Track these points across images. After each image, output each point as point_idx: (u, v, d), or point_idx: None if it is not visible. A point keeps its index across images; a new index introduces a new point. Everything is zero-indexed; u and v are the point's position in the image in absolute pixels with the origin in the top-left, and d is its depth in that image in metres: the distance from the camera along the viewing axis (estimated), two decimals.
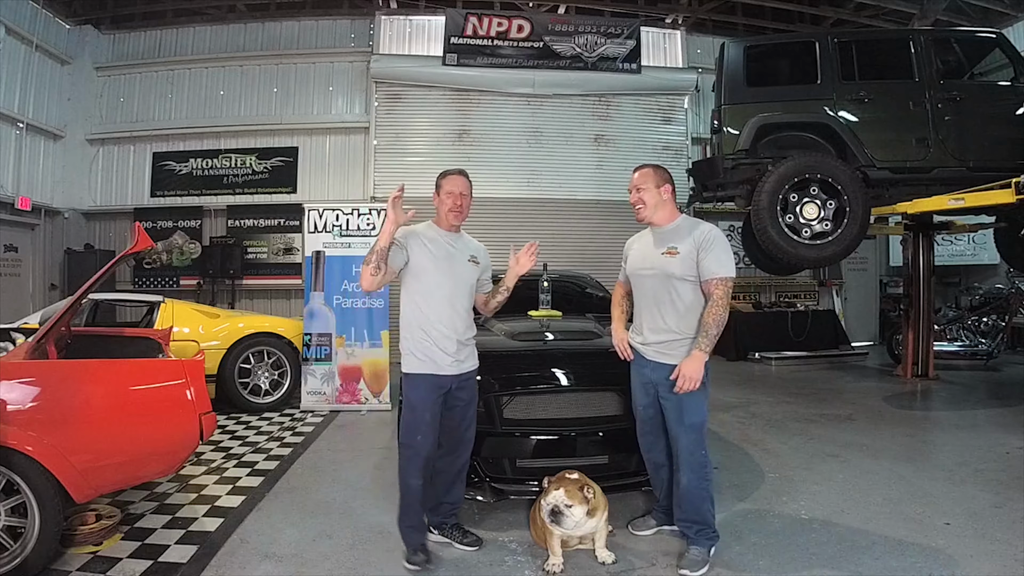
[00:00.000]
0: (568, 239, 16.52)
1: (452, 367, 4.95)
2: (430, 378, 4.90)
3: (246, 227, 16.72)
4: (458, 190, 5.08)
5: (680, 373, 4.68)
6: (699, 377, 4.67)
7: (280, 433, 8.93)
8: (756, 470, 7.16)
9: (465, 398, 5.10)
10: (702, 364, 4.68)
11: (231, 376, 10.01)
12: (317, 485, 6.82)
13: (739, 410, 10.09)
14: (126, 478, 5.24)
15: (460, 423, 5.12)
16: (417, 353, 4.94)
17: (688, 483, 4.86)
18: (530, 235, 6.77)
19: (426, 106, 17.02)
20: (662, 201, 5.01)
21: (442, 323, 4.94)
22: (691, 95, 17.99)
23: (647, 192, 5.01)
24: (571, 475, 4.85)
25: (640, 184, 5.04)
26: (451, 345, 4.94)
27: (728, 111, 9.70)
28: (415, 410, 4.89)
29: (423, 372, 4.91)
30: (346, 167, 16.85)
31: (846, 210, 8.84)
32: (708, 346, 4.69)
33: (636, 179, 5.08)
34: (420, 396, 4.89)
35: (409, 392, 4.95)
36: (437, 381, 4.91)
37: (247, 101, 16.99)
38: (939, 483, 6.67)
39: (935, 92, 9.43)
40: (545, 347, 6.55)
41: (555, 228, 16.61)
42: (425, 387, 4.89)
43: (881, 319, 18.58)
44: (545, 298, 7.60)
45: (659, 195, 5.01)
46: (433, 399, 4.89)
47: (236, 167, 16.83)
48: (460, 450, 5.19)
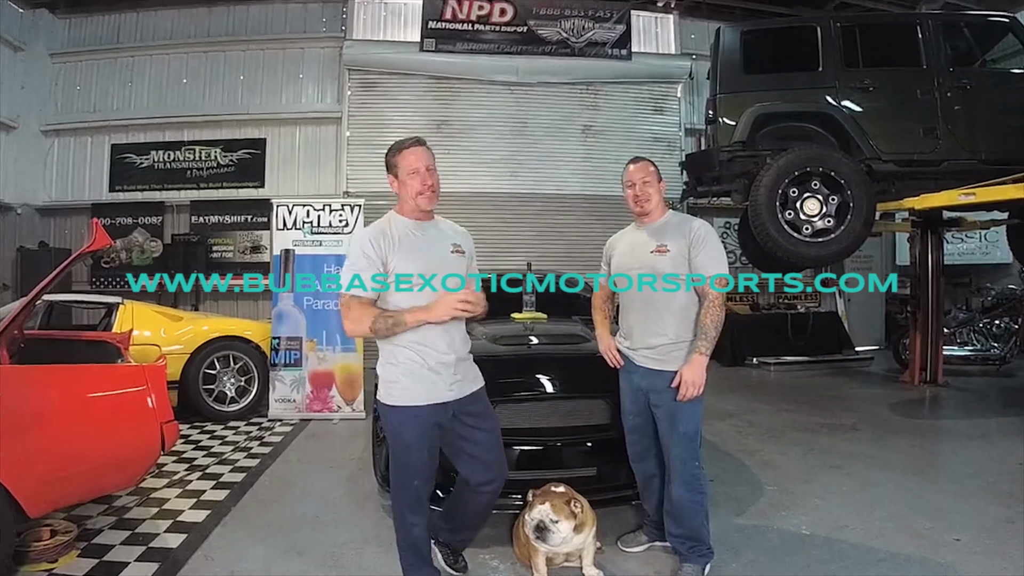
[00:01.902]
0: (554, 236, 16.51)
1: (452, 391, 4.37)
2: (425, 410, 4.28)
3: (211, 224, 16.59)
4: (422, 164, 4.33)
5: (682, 379, 4.66)
6: (702, 382, 4.66)
7: (247, 443, 8.93)
8: (754, 482, 7.18)
9: (479, 415, 4.54)
10: (704, 368, 4.67)
11: (195, 382, 9.99)
12: (286, 499, 6.81)
13: (736, 419, 10.11)
14: (83, 491, 5.23)
15: (486, 445, 4.58)
16: (406, 380, 4.28)
17: (681, 496, 4.85)
18: (514, 232, 6.77)
19: (402, 95, 16.89)
20: (661, 194, 5.06)
21: (437, 339, 4.29)
22: (685, 83, 17.91)
23: (651, 185, 5.01)
24: (557, 488, 4.84)
25: (644, 178, 5.01)
26: (449, 367, 4.35)
27: (724, 100, 9.73)
28: (409, 449, 4.34)
29: (415, 404, 4.27)
30: (317, 160, 16.74)
31: (849, 206, 8.89)
32: (708, 349, 4.69)
33: (635, 172, 5.07)
34: (415, 432, 4.30)
35: (399, 428, 4.35)
36: (433, 412, 4.31)
37: (212, 90, 16.83)
38: (948, 496, 6.69)
39: (944, 80, 9.48)
40: (529, 352, 6.55)
41: (540, 224, 16.64)
42: (419, 421, 4.29)
43: (887, 322, 18.61)
44: (529, 299, 7.58)
45: (661, 188, 5.05)
46: (430, 433, 4.33)
47: (200, 160, 16.70)
48: (493, 477, 4.62)
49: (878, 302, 18.40)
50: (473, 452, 4.55)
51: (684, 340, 4.82)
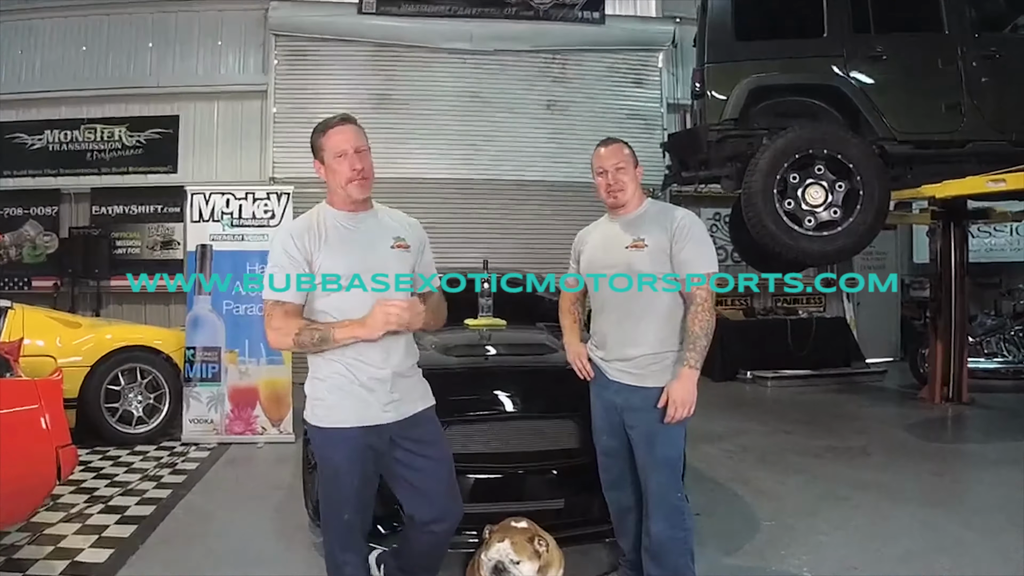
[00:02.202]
0: (515, 229, 16.51)
1: (388, 412, 4.28)
2: (354, 432, 4.22)
3: (115, 215, 16.40)
4: (351, 147, 4.21)
5: (670, 399, 4.61)
6: (693, 401, 4.61)
7: (157, 471, 8.87)
8: (747, 516, 7.20)
9: (424, 441, 4.43)
10: (694, 384, 4.63)
11: (96, 400, 9.85)
12: (203, 535, 6.79)
13: (726, 442, 10.16)
14: None
15: (432, 477, 4.45)
16: (332, 398, 4.24)
17: (661, 532, 4.80)
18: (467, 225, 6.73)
19: (339, 65, 16.80)
20: (637, 180, 5.00)
21: (369, 350, 4.19)
22: (667, 51, 17.86)
23: (627, 171, 4.93)
24: (518, 523, 4.82)
25: (618, 163, 4.92)
26: (384, 383, 4.26)
27: (713, 71, 9.72)
28: (338, 476, 4.31)
29: (343, 426, 4.23)
30: (238, 141, 16.59)
31: (859, 194, 8.85)
32: (698, 361, 4.64)
33: (606, 156, 4.97)
34: (344, 457, 4.27)
35: (326, 452, 4.37)
36: (365, 434, 4.23)
37: (116, 60, 16.58)
38: (974, 532, 6.73)
39: (969, 47, 9.49)
40: (486, 364, 6.56)
41: (499, 216, 16.65)
42: (348, 445, 4.23)
43: (903, 329, 18.70)
44: (486, 303, 7.55)
45: (637, 174, 4.99)
46: (362, 458, 4.26)
47: (102, 141, 16.50)
48: (439, 515, 4.47)
49: (893, 306, 18.50)
50: (416, 483, 4.42)
51: (666, 351, 4.77)
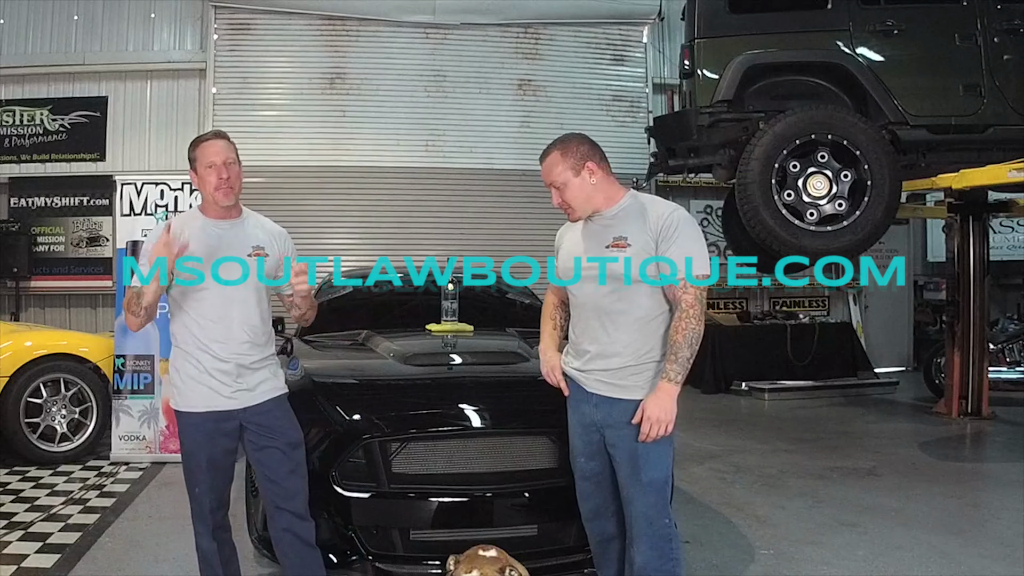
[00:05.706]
0: (482, 224, 16.60)
1: (234, 400, 5.03)
2: (200, 417, 5.00)
3: (35, 208, 16.38)
4: (219, 159, 4.95)
5: (644, 415, 4.55)
6: (671, 419, 4.55)
7: (83, 494, 8.80)
8: (742, 545, 7.20)
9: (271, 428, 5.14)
10: (673, 400, 4.56)
11: (15, 415, 9.79)
12: (134, 564, 6.79)
13: (719, 461, 10.16)
14: None
15: (278, 468, 5.16)
16: (183, 385, 5.04)
17: (647, 563, 4.75)
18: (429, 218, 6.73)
19: (286, 40, 16.78)
20: (592, 186, 4.78)
21: (215, 344, 4.99)
22: (653, 25, 17.91)
23: (568, 187, 4.76)
24: (487, 552, 4.79)
25: (555, 180, 4.79)
26: (227, 374, 5.01)
27: (704, 47, 9.72)
28: (189, 457, 5.12)
29: (192, 410, 5.02)
30: (174, 125, 16.47)
31: (867, 184, 8.87)
32: (679, 374, 4.55)
33: (544, 173, 4.85)
34: (191, 439, 5.07)
35: (181, 433, 5.16)
36: (210, 419, 5.01)
37: (36, 34, 16.47)
38: (994, 562, 6.75)
39: (990, 20, 9.49)
40: (450, 374, 6.59)
41: (464, 209, 16.70)
42: (195, 428, 5.03)
43: (916, 335, 18.75)
44: (450, 306, 7.55)
45: (585, 181, 4.77)
46: (208, 440, 5.03)
47: (21, 125, 16.43)
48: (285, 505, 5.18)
49: (904, 310, 18.59)
50: (264, 463, 5.20)
51: (648, 361, 4.71)
